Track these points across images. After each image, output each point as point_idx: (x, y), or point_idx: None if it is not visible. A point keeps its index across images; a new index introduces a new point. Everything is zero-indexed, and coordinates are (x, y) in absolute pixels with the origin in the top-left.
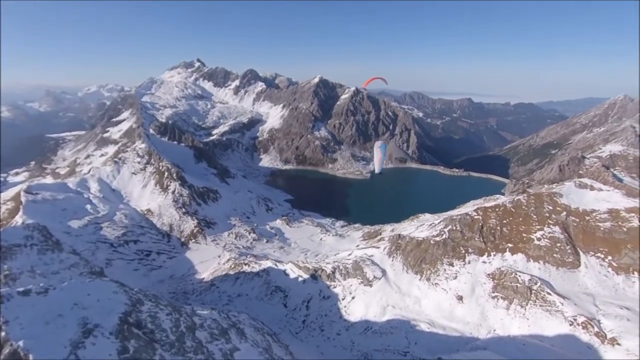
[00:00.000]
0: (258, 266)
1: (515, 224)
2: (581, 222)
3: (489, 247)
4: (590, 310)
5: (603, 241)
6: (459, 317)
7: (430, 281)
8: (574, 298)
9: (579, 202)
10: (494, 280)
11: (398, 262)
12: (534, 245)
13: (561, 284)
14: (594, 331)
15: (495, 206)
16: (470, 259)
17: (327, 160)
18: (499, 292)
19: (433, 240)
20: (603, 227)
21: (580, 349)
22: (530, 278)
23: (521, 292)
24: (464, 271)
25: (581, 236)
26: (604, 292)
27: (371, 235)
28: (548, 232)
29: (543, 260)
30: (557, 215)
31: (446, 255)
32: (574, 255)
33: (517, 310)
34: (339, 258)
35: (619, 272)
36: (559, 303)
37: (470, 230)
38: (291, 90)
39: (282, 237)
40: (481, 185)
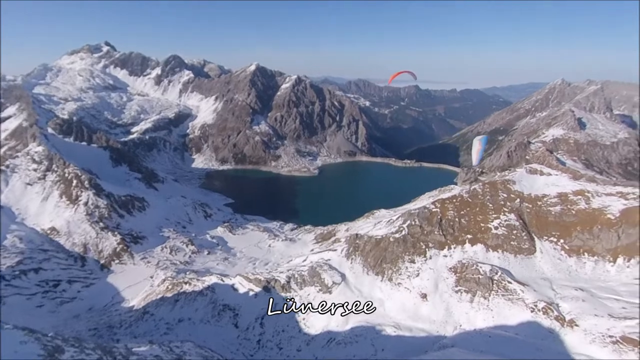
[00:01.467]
0: (201, 284)
1: (472, 214)
2: (534, 208)
3: (449, 240)
4: (549, 295)
5: (555, 225)
6: (425, 316)
7: (393, 281)
8: (533, 284)
9: (531, 188)
10: (456, 273)
11: (357, 264)
12: (492, 234)
13: (520, 271)
14: (553, 315)
15: (452, 197)
16: (431, 254)
17: (269, 158)
18: (462, 286)
19: (392, 237)
20: (554, 211)
21: (543, 334)
22: (491, 268)
23: (483, 284)
24: (425, 267)
25: (535, 222)
26: (559, 276)
27: (325, 236)
28: (504, 220)
29: (501, 249)
30: (512, 203)
31: (407, 252)
32: (529, 241)
33: (480, 302)
34: (293, 265)
35: (571, 254)
36: (519, 291)
37: (430, 224)
38: (224, 80)
39: (226, 247)
40: (434, 175)
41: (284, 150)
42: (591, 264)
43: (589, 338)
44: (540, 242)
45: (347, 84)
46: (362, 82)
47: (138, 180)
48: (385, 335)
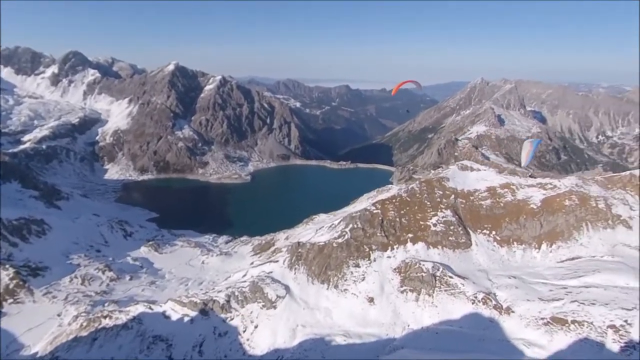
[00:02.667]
0: (124, 315)
1: (412, 213)
2: (467, 203)
3: (392, 241)
4: (486, 286)
5: (486, 218)
6: (373, 320)
7: (339, 288)
8: (472, 277)
9: (463, 184)
10: (400, 274)
11: (301, 274)
12: (432, 231)
13: (459, 265)
14: (492, 305)
15: (391, 197)
16: (375, 256)
17: (196, 165)
18: (407, 285)
19: (335, 242)
20: (485, 205)
21: (484, 324)
22: (433, 265)
23: (427, 281)
24: (370, 270)
25: (469, 216)
26: (493, 266)
27: (263, 247)
28: (442, 217)
29: (441, 245)
30: (447, 200)
31: (351, 256)
32: (465, 235)
33: (425, 300)
34: (232, 282)
35: (502, 244)
36: (460, 285)
37: (372, 226)
38: (138, 81)
39: (152, 269)
40: (370, 176)
41: (211, 156)
42: (520, 252)
43: (524, 322)
44: (475, 235)
45: (275, 84)
46: (292, 83)
47: (34, 199)
48: (335, 345)
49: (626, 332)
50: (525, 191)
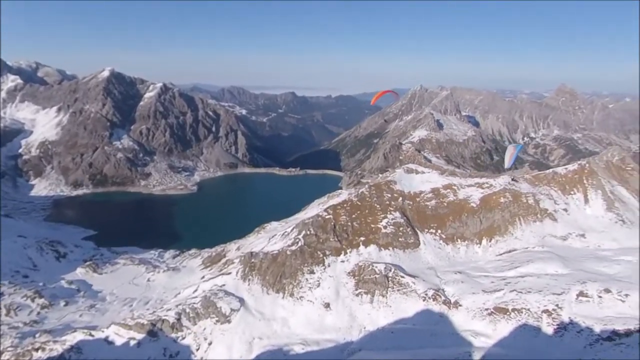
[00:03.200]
0: (60, 345)
1: (363, 217)
2: (414, 204)
3: (345, 245)
4: (435, 282)
5: (432, 218)
6: (330, 326)
7: (295, 296)
8: (422, 275)
9: (410, 186)
10: (355, 277)
11: (256, 285)
12: (383, 233)
13: (409, 265)
14: (441, 300)
15: (343, 202)
16: (329, 261)
17: (137, 177)
18: (362, 288)
19: (289, 250)
20: (430, 205)
21: (435, 319)
22: (385, 266)
23: (380, 282)
24: (325, 276)
25: (416, 217)
26: (441, 263)
27: (214, 260)
28: (391, 219)
29: (392, 246)
30: (396, 202)
31: (305, 263)
32: (414, 235)
33: (380, 300)
34: (182, 299)
35: (448, 242)
36: (411, 283)
37: (324, 232)
38: (68, 88)
39: (91, 292)
40: (320, 182)
41: (154, 167)
42: (464, 248)
43: (471, 314)
44: (422, 235)
45: (220, 91)
46: (237, 90)
47: None
48: (293, 354)
49: (558, 315)
50: (465, 191)
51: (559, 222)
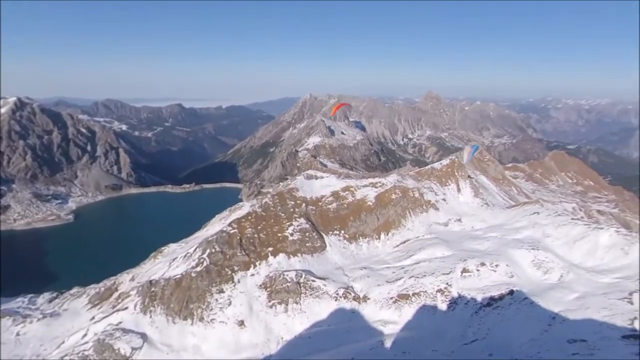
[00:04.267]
0: None
1: (269, 227)
2: (317, 209)
3: (253, 258)
4: (344, 281)
5: (335, 220)
6: (247, 343)
7: (205, 320)
8: (331, 276)
9: (311, 192)
10: (267, 289)
11: (159, 316)
12: (290, 241)
13: (319, 268)
14: (352, 297)
15: (247, 215)
16: (238, 277)
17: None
18: (275, 299)
19: (194, 272)
20: (332, 208)
21: (348, 316)
22: (295, 273)
23: (293, 290)
24: (236, 293)
25: (320, 221)
26: (347, 262)
27: (103, 296)
28: (297, 226)
29: (300, 253)
30: (299, 208)
31: (213, 283)
32: (320, 239)
33: (294, 308)
34: (68, 348)
35: (351, 241)
36: (322, 285)
37: (231, 247)
38: None
39: None
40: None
41: (13, 198)
42: (365, 244)
43: (379, 305)
44: (327, 237)
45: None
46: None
47: None
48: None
49: (449, 292)
50: (362, 191)
51: (441, 210)
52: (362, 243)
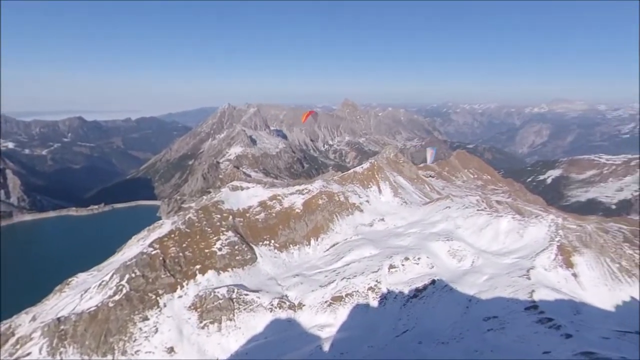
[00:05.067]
0: None
1: (195, 244)
2: (245, 221)
3: (179, 278)
4: (278, 291)
5: (264, 230)
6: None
7: (129, 352)
8: (264, 287)
9: (238, 204)
10: (197, 309)
11: (73, 356)
12: (219, 256)
13: (251, 281)
14: (287, 306)
15: (169, 233)
16: (164, 301)
17: None
18: (207, 318)
19: (112, 301)
20: (260, 218)
21: (285, 326)
22: (227, 289)
23: (225, 307)
24: (163, 318)
25: (249, 232)
26: (279, 271)
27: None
28: (225, 240)
29: (230, 267)
30: (226, 222)
31: (136, 311)
32: (250, 251)
33: (228, 325)
34: None
35: (282, 249)
36: (256, 298)
37: (153, 269)
38: None
39: None
40: (133, 215)
41: None
42: (296, 252)
43: (314, 311)
44: (258, 248)
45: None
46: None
47: None
48: None
49: (379, 289)
50: (289, 199)
51: (365, 212)
52: (293, 251)
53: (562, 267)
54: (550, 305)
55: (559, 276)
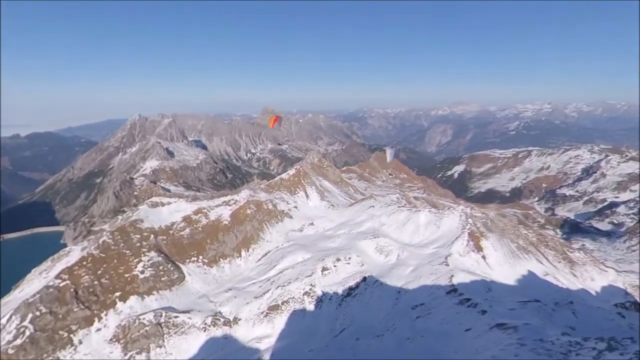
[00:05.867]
0: None
1: (113, 269)
2: (169, 238)
3: (96, 310)
4: (211, 308)
5: (191, 246)
6: None
7: None
8: (196, 307)
9: (159, 221)
10: (119, 341)
11: None
12: (141, 279)
13: (181, 302)
14: (221, 323)
15: (80, 260)
16: (79, 337)
17: None
18: (132, 349)
19: (11, 347)
20: (185, 234)
21: (221, 344)
22: (154, 314)
23: (153, 333)
24: (79, 357)
25: (174, 250)
26: (210, 288)
27: None
28: (148, 261)
29: (156, 290)
30: (148, 241)
31: (44, 354)
32: (177, 270)
33: (158, 353)
34: None
35: (212, 264)
36: (187, 319)
37: (63, 304)
38: None
39: None
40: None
41: None
42: (227, 265)
43: (251, 323)
44: (185, 266)
45: None
46: None
47: None
48: None
49: (314, 292)
50: (215, 211)
51: (294, 217)
52: (224, 264)
53: (474, 252)
54: (467, 287)
55: (471, 260)
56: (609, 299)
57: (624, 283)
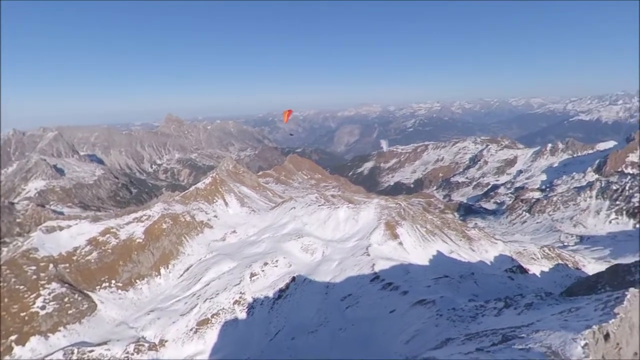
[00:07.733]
0: None
1: (4, 309)
2: (72, 265)
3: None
4: (132, 334)
5: (100, 271)
6: None
7: None
8: (113, 336)
9: (58, 247)
10: None
11: None
12: (43, 316)
13: (95, 333)
14: (146, 348)
15: None
16: None
17: None
18: None
19: None
20: (92, 258)
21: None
22: (63, 353)
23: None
24: None
25: (80, 278)
26: (128, 313)
27: None
28: (48, 294)
29: (62, 325)
30: (46, 272)
31: None
32: (86, 299)
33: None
34: None
35: (127, 287)
36: (104, 352)
37: None
38: None
39: None
40: None
41: None
42: (145, 286)
43: (180, 342)
44: (95, 294)
45: None
46: None
47: None
48: None
49: (244, 300)
50: (126, 229)
51: (215, 227)
52: (141, 285)
53: (391, 240)
54: (388, 273)
55: (389, 247)
56: (500, 266)
57: (510, 251)
